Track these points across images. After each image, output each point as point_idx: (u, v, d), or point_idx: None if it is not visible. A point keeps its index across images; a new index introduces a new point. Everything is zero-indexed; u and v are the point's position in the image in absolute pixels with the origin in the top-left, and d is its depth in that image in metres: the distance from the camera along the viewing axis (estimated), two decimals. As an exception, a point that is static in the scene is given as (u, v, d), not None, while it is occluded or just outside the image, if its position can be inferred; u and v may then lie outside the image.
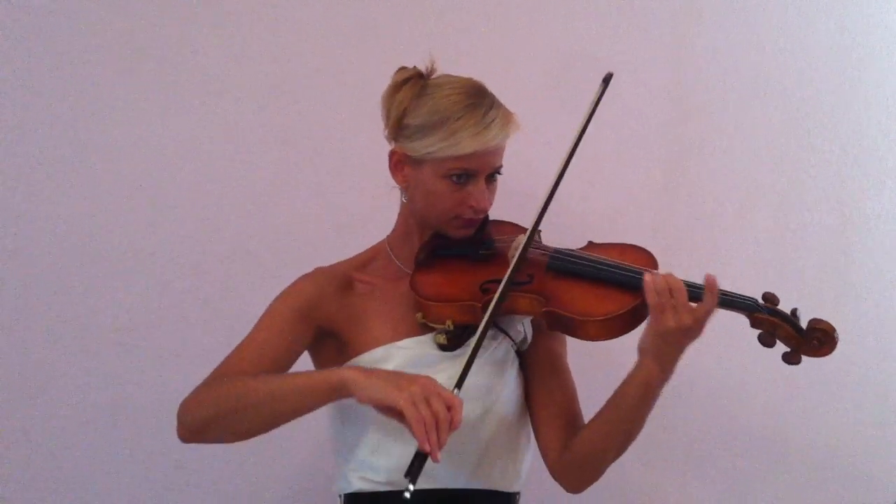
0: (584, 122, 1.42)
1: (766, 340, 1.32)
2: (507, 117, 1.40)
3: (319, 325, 1.44)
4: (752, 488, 2.25)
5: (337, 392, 1.23)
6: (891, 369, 2.32)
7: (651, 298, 1.28)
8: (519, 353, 1.48)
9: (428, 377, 1.21)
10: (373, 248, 1.56)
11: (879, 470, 2.30)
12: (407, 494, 1.15)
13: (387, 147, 2.08)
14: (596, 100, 1.43)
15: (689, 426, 2.19)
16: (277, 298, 1.46)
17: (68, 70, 1.94)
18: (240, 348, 1.41)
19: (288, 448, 2.02)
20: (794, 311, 1.33)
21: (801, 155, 2.30)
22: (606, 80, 1.45)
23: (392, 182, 1.52)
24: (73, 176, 1.94)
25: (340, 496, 1.45)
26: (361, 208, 2.07)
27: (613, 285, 1.33)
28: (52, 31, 1.93)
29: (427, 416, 1.14)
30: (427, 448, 1.14)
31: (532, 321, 1.49)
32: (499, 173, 1.44)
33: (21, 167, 1.92)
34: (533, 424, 1.47)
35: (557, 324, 1.36)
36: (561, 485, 1.43)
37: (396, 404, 1.16)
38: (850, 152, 2.32)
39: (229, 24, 2.02)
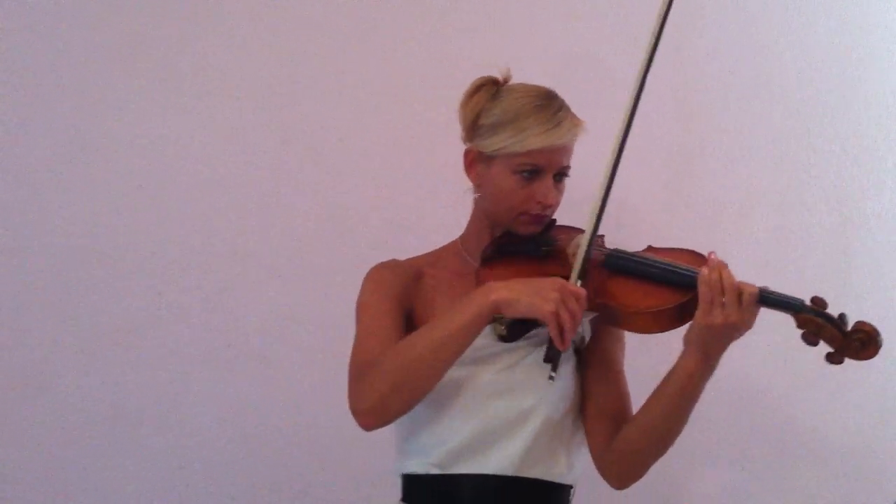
0: (654, 38, 1.49)
1: (810, 340, 1.36)
2: (575, 119, 1.48)
3: (406, 308, 1.50)
4: (753, 488, 2.25)
5: (489, 316, 1.33)
6: (891, 369, 2.32)
7: (703, 291, 1.33)
8: (578, 353, 1.53)
9: (557, 278, 1.33)
10: (444, 246, 1.62)
11: (879, 470, 2.31)
12: (551, 379, 1.35)
13: (386, 147, 2.10)
14: (666, 15, 1.48)
15: (687, 427, 2.19)
16: (364, 292, 1.50)
17: (68, 70, 1.94)
18: (358, 345, 1.44)
19: (287, 449, 2.02)
20: (840, 315, 1.37)
21: (801, 155, 2.30)
22: None
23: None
24: (73, 176, 1.94)
25: (400, 477, 1.51)
26: (361, 208, 2.07)
27: (663, 283, 1.39)
28: (52, 30, 1.93)
29: (566, 319, 1.29)
30: (562, 347, 1.32)
31: (591, 322, 1.55)
32: (566, 175, 1.50)
33: (21, 167, 1.92)
34: (583, 420, 1.51)
35: (607, 315, 1.43)
36: (606, 480, 1.48)
37: (543, 317, 1.30)
38: (850, 152, 2.33)
39: (229, 24, 2.02)
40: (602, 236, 1.54)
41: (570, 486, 1.50)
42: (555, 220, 1.53)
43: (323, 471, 2.03)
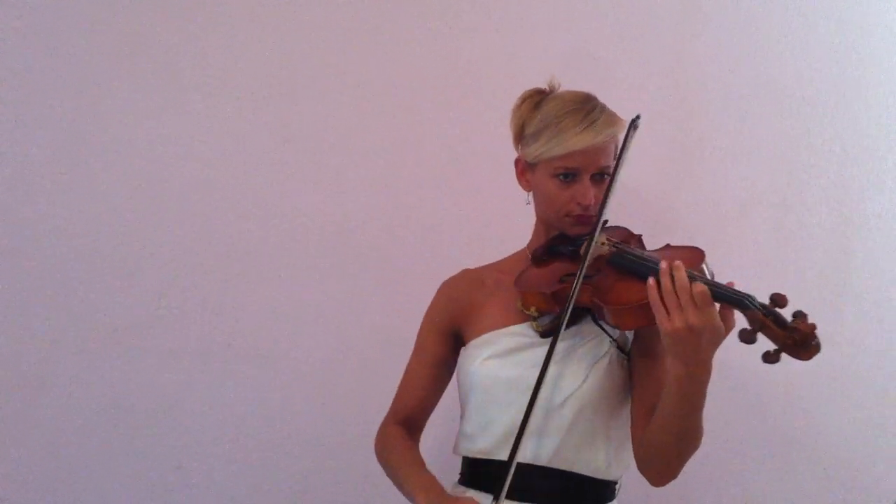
0: (616, 166, 1.48)
1: (747, 337, 1.31)
2: (610, 119, 1.51)
3: (453, 328, 1.62)
4: (752, 488, 2.25)
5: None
6: (891, 369, 2.32)
7: (651, 297, 1.31)
8: (624, 351, 1.55)
9: (469, 497, 1.41)
10: (515, 253, 1.68)
11: (879, 470, 2.31)
12: None
13: (386, 147, 2.10)
14: (625, 144, 1.48)
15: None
16: (425, 316, 1.66)
17: (69, 70, 1.94)
18: (404, 378, 1.65)
19: (286, 449, 2.02)
20: (795, 313, 1.31)
21: (801, 155, 2.30)
22: (634, 123, 1.50)
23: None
24: (73, 176, 1.94)
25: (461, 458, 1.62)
26: (361, 208, 2.07)
27: (643, 279, 1.38)
28: (52, 31, 1.93)
29: None
30: None
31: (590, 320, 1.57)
32: (606, 174, 1.52)
33: (21, 167, 1.92)
34: (631, 419, 1.55)
35: (597, 310, 1.46)
36: (645, 477, 1.50)
37: None
38: (850, 152, 2.33)
39: (229, 24, 2.02)
40: (640, 236, 1.59)
41: (613, 482, 1.54)
42: (605, 221, 1.55)
43: (323, 471, 2.03)
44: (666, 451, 1.43)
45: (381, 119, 2.09)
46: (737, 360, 2.20)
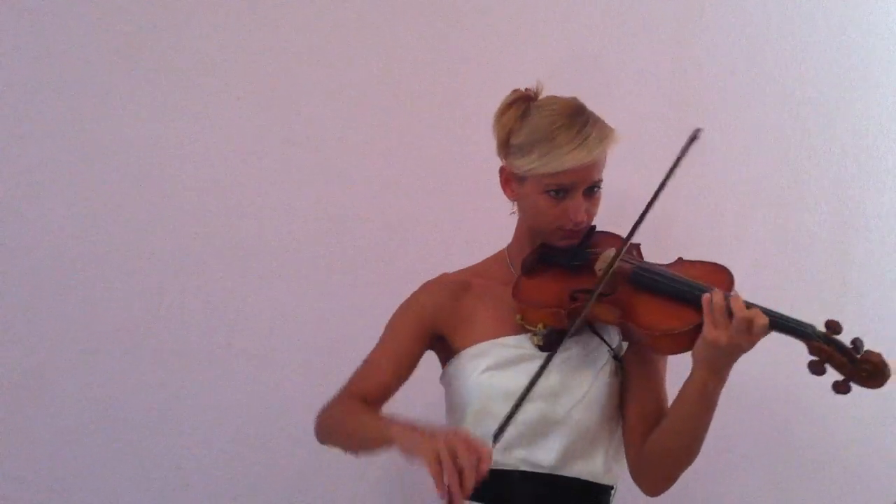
0: (669, 172, 1.49)
1: (817, 369, 1.37)
2: (602, 133, 1.48)
3: (434, 332, 1.58)
4: (751, 488, 2.25)
5: (388, 445, 1.35)
6: (891, 369, 2.32)
7: (707, 313, 1.35)
8: (618, 360, 1.55)
9: (459, 431, 1.29)
10: (493, 255, 1.67)
11: (879, 470, 2.30)
12: None
13: (386, 147, 2.10)
14: (681, 153, 1.49)
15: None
16: (398, 310, 1.61)
17: (69, 70, 1.94)
18: (367, 361, 1.57)
19: (286, 448, 2.02)
20: (854, 341, 1.37)
21: (801, 155, 2.30)
22: (694, 137, 1.50)
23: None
24: (73, 176, 1.94)
25: None
26: (361, 208, 2.07)
27: (682, 301, 1.41)
28: (52, 30, 1.93)
29: (449, 469, 1.22)
30: (443, 497, 1.24)
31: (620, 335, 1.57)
32: (598, 187, 1.52)
33: (21, 167, 1.92)
34: (622, 426, 1.55)
35: (629, 334, 1.46)
36: (639, 487, 1.52)
37: (420, 457, 1.26)
38: (850, 152, 2.32)
39: (230, 25, 2.02)
40: (638, 245, 1.58)
41: (611, 487, 1.54)
42: (594, 227, 1.56)
43: (322, 470, 2.03)
44: (670, 457, 1.45)
45: (381, 119, 2.09)
46: (736, 363, 2.20)
